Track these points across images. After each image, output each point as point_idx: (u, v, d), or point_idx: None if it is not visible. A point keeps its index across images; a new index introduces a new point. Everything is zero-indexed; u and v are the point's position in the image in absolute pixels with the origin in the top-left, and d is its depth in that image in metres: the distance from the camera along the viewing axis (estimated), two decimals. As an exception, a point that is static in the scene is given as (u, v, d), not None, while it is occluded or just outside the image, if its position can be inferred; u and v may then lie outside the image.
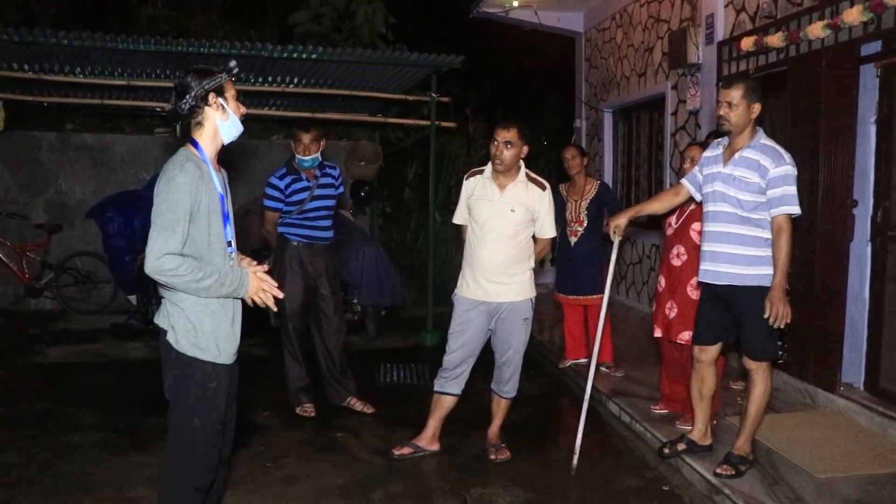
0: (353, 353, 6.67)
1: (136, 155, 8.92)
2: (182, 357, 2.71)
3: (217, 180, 2.76)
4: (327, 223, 5.08)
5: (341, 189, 5.20)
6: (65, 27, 7.12)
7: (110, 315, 7.99)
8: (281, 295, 2.96)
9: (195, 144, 2.76)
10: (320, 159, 5.00)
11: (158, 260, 2.56)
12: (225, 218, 2.76)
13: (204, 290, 2.66)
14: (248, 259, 2.98)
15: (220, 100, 2.75)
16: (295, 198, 4.93)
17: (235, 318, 2.84)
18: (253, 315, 2.93)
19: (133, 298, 7.98)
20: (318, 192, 4.98)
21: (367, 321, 7.64)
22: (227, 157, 9.82)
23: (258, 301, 2.84)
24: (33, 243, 8.34)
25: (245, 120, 2.90)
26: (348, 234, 7.69)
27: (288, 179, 4.94)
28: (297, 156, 4.92)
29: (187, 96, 2.69)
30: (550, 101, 12.84)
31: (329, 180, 5.07)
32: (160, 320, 2.77)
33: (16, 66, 7.01)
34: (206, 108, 2.74)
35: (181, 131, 2.77)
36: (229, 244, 2.78)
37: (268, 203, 4.97)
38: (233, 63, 2.79)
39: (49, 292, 8.36)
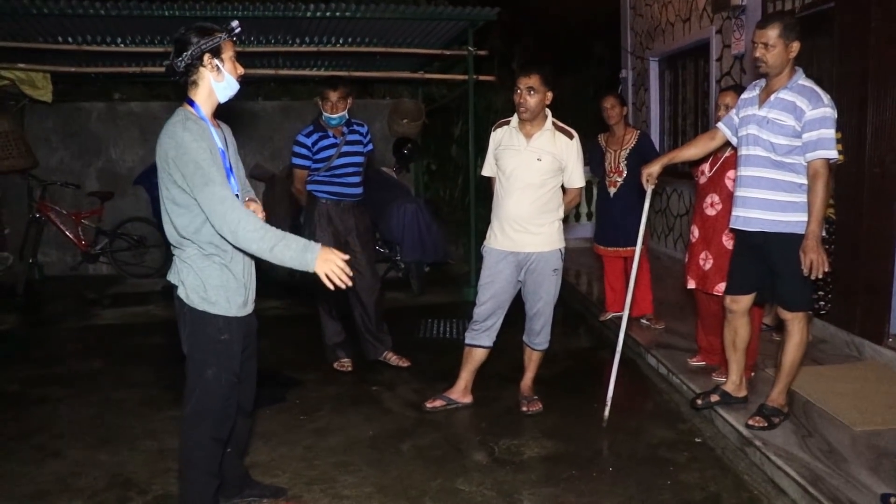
0: (397, 309, 6.76)
1: (182, 121, 9.02)
2: (193, 311, 2.76)
3: (217, 136, 2.78)
4: (356, 180, 5.08)
5: (370, 146, 5.19)
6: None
7: (162, 278, 8.17)
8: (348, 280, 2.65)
9: (192, 103, 2.77)
10: (347, 117, 5.00)
11: (222, 210, 2.57)
12: (228, 171, 2.79)
13: (267, 249, 2.58)
14: (252, 200, 2.96)
15: (216, 60, 2.72)
16: (322, 155, 4.95)
17: (246, 270, 2.86)
18: (294, 275, 2.83)
19: (184, 261, 8.16)
20: (345, 148, 4.99)
21: (411, 278, 7.69)
22: (270, 119, 9.76)
23: (333, 279, 2.60)
24: (87, 211, 8.60)
25: (289, 81, 2.87)
26: (390, 191, 7.70)
27: (315, 137, 4.96)
28: (325, 114, 4.93)
29: (184, 54, 2.68)
30: (597, 53, 12.53)
31: (357, 137, 5.07)
32: (171, 276, 2.83)
33: (60, 39, 7.14)
34: (201, 69, 2.72)
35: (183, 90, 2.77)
36: (235, 196, 2.79)
37: (296, 161, 5.00)
38: (234, 23, 2.75)
39: (104, 257, 8.65)
